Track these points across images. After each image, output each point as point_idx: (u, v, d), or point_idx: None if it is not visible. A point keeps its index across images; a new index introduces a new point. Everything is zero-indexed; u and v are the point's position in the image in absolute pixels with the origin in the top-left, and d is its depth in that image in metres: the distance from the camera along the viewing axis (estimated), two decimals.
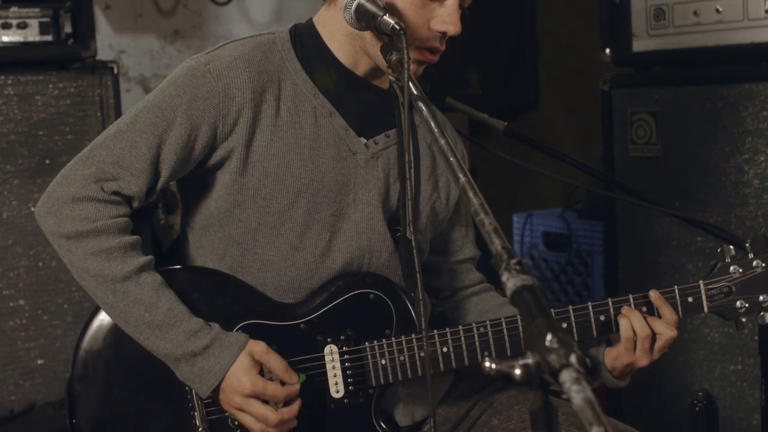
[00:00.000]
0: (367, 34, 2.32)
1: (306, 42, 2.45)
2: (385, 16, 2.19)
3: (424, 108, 2.02)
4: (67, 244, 2.28)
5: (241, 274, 2.42)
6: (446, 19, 2.33)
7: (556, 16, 5.48)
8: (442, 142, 1.92)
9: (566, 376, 1.29)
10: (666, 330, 2.38)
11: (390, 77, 2.53)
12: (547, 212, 4.99)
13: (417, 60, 2.37)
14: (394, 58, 2.20)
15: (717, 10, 3.51)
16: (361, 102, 2.47)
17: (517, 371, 1.36)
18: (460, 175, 1.79)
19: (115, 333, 2.35)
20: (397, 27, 2.16)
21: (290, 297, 2.42)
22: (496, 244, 1.57)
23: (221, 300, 2.40)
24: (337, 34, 2.42)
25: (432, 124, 1.97)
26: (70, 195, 2.26)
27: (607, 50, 3.83)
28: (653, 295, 2.40)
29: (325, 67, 2.43)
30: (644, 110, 3.75)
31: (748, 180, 3.48)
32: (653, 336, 2.38)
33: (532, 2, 5.44)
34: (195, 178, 2.42)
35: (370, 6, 2.23)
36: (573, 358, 1.30)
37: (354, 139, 2.44)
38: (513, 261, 1.50)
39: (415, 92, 2.06)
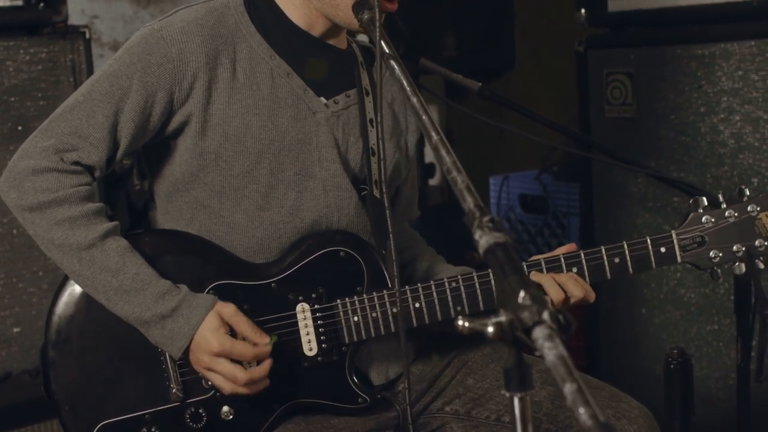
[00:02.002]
0: None
1: (260, 5, 2.46)
2: None
3: (396, 66, 2.01)
4: (31, 217, 2.29)
5: (209, 238, 2.43)
6: None
7: None
8: (414, 100, 1.90)
9: (539, 333, 1.29)
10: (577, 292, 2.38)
11: (349, 37, 2.56)
12: (523, 174, 4.99)
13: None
14: (366, 17, 2.19)
15: None
16: (319, 62, 2.47)
17: (490, 329, 1.35)
18: (433, 134, 1.77)
19: (87, 298, 2.35)
20: None
21: (260, 257, 2.43)
22: (469, 201, 1.56)
23: (191, 261, 2.41)
24: None
25: (404, 82, 1.96)
26: (31, 167, 2.28)
27: (582, 11, 3.81)
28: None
29: (282, 33, 2.44)
30: (620, 71, 3.74)
31: (723, 140, 3.48)
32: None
33: None
34: (157, 145, 2.43)
35: None
36: (546, 315, 1.30)
37: (313, 98, 2.44)
38: (485, 218, 1.49)
39: (387, 51, 2.05)
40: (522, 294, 1.34)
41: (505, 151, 5.59)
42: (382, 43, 2.06)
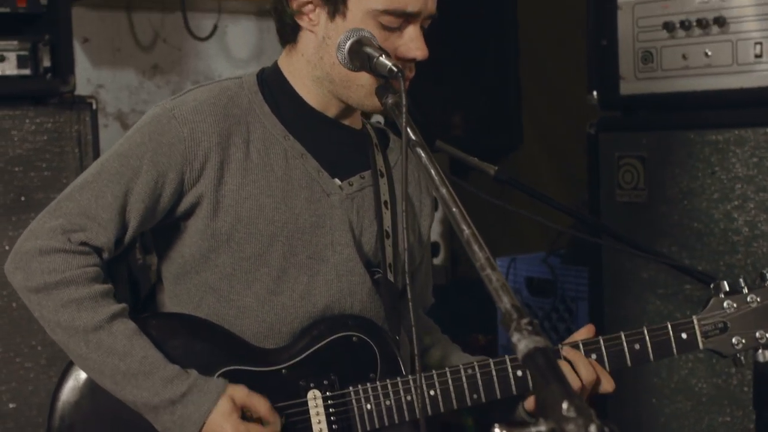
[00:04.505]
0: (362, 75, 2.27)
1: (273, 86, 2.42)
2: (381, 57, 2.14)
3: (423, 154, 1.95)
4: (37, 298, 2.23)
5: (217, 322, 2.37)
6: (411, 45, 2.30)
7: (539, 57, 5.44)
8: (444, 191, 1.84)
9: None
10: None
11: (363, 118, 2.52)
12: (530, 256, 4.93)
13: None
14: (390, 101, 2.13)
15: (706, 54, 3.48)
16: (334, 143, 2.43)
17: None
18: (464, 228, 1.71)
19: (92, 385, 2.29)
20: (395, 69, 2.10)
21: (270, 342, 2.37)
22: (505, 302, 1.49)
23: (200, 346, 2.34)
24: (304, 79, 2.39)
25: (432, 171, 1.89)
26: (37, 248, 2.23)
27: (594, 93, 3.79)
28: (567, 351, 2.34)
29: (296, 113, 2.40)
30: (631, 154, 3.70)
31: (737, 227, 3.43)
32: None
33: (515, 43, 5.41)
34: (167, 227, 2.38)
35: (365, 47, 2.19)
36: (593, 429, 1.23)
37: (327, 180, 2.40)
38: (524, 321, 1.43)
39: (413, 137, 1.99)
40: (565, 405, 1.27)
41: (511, 232, 5.54)
42: (408, 129, 2.00)
